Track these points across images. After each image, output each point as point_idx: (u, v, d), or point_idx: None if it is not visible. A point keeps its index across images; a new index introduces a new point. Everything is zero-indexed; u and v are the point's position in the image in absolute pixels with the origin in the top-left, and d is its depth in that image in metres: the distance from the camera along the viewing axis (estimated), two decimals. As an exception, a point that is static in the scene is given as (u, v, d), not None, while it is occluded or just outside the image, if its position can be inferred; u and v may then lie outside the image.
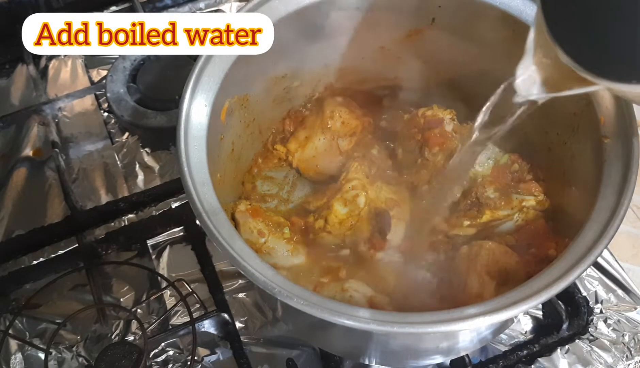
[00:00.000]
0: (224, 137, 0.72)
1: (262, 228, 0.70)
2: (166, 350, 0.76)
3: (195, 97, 0.66)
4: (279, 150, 0.83)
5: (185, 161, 0.61)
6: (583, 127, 0.65)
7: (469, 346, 0.71)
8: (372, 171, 0.76)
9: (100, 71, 1.07)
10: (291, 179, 0.83)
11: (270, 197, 0.80)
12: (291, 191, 0.82)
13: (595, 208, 0.58)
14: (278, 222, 0.73)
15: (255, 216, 0.71)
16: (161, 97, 0.99)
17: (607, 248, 0.83)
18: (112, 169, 0.94)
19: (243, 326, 0.78)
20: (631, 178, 0.58)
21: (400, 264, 0.71)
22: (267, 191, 0.81)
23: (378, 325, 0.50)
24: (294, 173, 0.83)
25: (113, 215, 0.88)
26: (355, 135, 0.81)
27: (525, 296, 0.51)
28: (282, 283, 0.53)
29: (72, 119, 1.00)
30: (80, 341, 0.77)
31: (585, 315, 0.79)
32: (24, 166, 0.95)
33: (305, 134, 0.82)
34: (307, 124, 0.83)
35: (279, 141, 0.84)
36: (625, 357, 0.76)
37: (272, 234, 0.71)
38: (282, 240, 0.71)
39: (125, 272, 0.83)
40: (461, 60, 0.80)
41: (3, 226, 0.88)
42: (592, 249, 0.54)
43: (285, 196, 0.81)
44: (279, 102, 0.83)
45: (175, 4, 1.16)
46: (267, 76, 0.79)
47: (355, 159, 0.77)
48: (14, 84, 1.06)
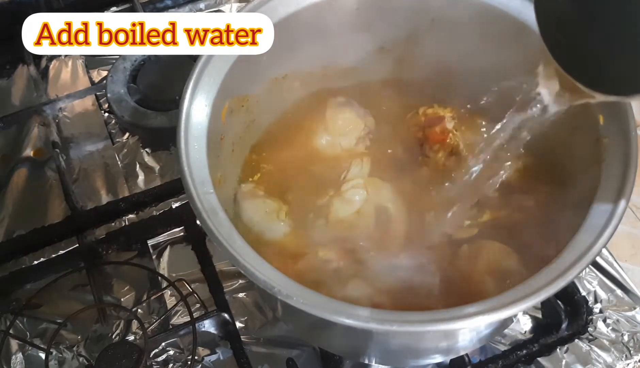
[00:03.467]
0: (224, 137, 0.72)
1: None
2: (166, 350, 0.76)
3: (195, 98, 0.66)
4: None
5: (186, 161, 0.61)
6: (582, 126, 0.65)
7: (468, 345, 0.71)
8: (373, 169, 0.76)
9: (100, 72, 1.08)
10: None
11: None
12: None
13: (594, 207, 0.58)
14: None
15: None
16: (161, 97, 0.99)
17: (606, 248, 0.84)
18: (112, 169, 0.94)
19: (243, 326, 0.78)
20: (630, 177, 0.58)
21: (400, 263, 0.71)
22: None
23: (378, 323, 0.50)
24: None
25: (113, 215, 0.88)
26: (355, 134, 0.81)
27: (525, 295, 0.51)
28: (282, 282, 0.53)
29: (73, 120, 1.00)
30: (80, 341, 0.77)
31: (584, 314, 0.79)
32: (24, 166, 0.95)
33: (306, 133, 0.82)
34: (307, 123, 0.83)
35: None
36: (625, 357, 0.76)
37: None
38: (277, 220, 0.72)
39: (125, 272, 0.83)
40: (461, 60, 0.80)
41: (4, 227, 0.88)
42: (590, 248, 0.54)
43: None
44: (280, 103, 0.83)
45: (175, 5, 1.16)
46: (267, 76, 0.79)
47: (356, 158, 0.77)
48: (14, 85, 1.07)
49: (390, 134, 0.82)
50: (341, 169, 0.78)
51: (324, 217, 0.73)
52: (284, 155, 0.82)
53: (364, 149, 0.80)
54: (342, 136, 0.81)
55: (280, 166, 0.81)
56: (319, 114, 0.82)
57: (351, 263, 0.72)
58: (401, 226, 0.73)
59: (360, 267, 0.70)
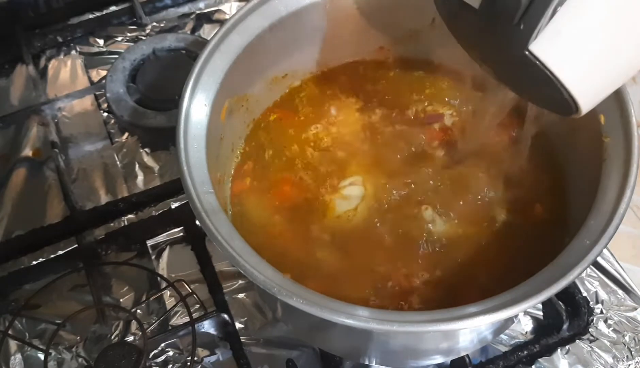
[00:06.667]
0: (223, 137, 0.72)
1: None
2: (166, 351, 0.75)
3: (194, 97, 0.65)
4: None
5: (185, 161, 0.61)
6: (583, 126, 0.65)
7: (469, 346, 0.71)
8: (372, 166, 0.76)
9: (99, 71, 1.07)
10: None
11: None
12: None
13: (594, 207, 0.58)
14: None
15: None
16: (161, 97, 0.99)
17: (607, 249, 0.84)
18: (111, 169, 0.94)
19: (243, 326, 0.78)
20: (631, 177, 0.58)
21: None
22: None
23: (378, 323, 0.50)
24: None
25: (113, 216, 0.88)
26: (355, 132, 0.81)
27: (526, 295, 0.51)
28: (281, 282, 0.53)
29: (72, 120, 1.00)
30: (79, 341, 0.76)
31: (585, 315, 0.79)
32: (23, 166, 0.95)
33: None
34: (307, 122, 0.83)
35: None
36: (626, 358, 0.76)
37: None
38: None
39: (124, 273, 0.83)
40: (461, 59, 0.80)
41: (2, 227, 0.88)
42: (591, 248, 0.54)
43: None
44: (280, 103, 0.83)
45: (175, 4, 1.16)
46: (267, 76, 0.79)
47: (355, 156, 0.77)
48: (13, 84, 1.06)
49: (390, 131, 0.82)
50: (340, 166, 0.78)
51: (322, 214, 0.73)
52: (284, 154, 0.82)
53: (362, 147, 0.80)
54: (342, 134, 0.81)
55: (280, 165, 0.81)
56: (320, 113, 0.82)
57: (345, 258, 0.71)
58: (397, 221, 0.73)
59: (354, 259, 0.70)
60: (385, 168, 0.76)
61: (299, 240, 0.71)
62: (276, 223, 0.73)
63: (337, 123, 0.81)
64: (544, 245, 0.65)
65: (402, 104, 0.82)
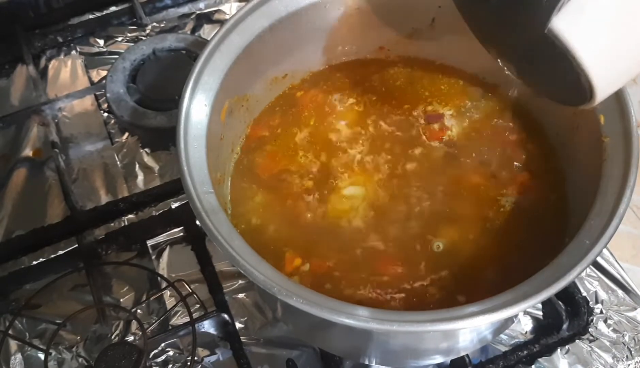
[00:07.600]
0: (223, 137, 0.72)
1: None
2: (166, 351, 0.75)
3: (195, 97, 0.65)
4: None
5: (185, 161, 0.61)
6: (583, 126, 0.65)
7: (469, 346, 0.71)
8: (372, 166, 0.76)
9: (100, 71, 1.07)
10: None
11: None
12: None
13: (594, 207, 0.58)
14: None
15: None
16: (161, 97, 0.99)
17: (607, 248, 0.84)
18: (112, 169, 0.94)
19: (243, 326, 0.78)
20: (631, 177, 0.58)
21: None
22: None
23: (378, 323, 0.50)
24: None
25: (113, 215, 0.88)
26: (355, 131, 0.81)
27: (525, 295, 0.51)
28: (281, 282, 0.53)
29: (72, 120, 1.00)
30: (80, 341, 0.77)
31: (585, 315, 0.79)
32: (23, 166, 0.95)
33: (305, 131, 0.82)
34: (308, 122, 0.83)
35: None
36: (626, 357, 0.76)
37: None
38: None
39: (125, 272, 0.83)
40: (461, 59, 0.80)
41: (3, 227, 0.88)
42: (591, 248, 0.54)
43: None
44: (280, 103, 0.83)
45: (175, 4, 1.16)
46: (267, 76, 0.79)
47: (355, 155, 0.77)
48: (13, 85, 1.06)
49: (390, 131, 0.82)
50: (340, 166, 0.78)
51: (323, 215, 0.73)
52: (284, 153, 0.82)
53: (363, 146, 0.80)
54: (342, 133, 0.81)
55: (280, 164, 0.81)
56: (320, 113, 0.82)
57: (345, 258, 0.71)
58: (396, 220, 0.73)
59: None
60: (386, 168, 0.76)
61: (297, 242, 0.71)
62: (273, 226, 0.73)
63: (337, 123, 0.81)
64: (544, 245, 0.65)
65: (402, 104, 0.82)
